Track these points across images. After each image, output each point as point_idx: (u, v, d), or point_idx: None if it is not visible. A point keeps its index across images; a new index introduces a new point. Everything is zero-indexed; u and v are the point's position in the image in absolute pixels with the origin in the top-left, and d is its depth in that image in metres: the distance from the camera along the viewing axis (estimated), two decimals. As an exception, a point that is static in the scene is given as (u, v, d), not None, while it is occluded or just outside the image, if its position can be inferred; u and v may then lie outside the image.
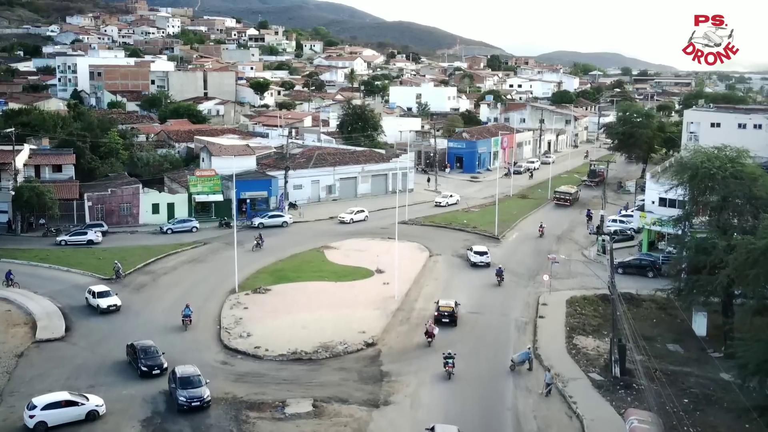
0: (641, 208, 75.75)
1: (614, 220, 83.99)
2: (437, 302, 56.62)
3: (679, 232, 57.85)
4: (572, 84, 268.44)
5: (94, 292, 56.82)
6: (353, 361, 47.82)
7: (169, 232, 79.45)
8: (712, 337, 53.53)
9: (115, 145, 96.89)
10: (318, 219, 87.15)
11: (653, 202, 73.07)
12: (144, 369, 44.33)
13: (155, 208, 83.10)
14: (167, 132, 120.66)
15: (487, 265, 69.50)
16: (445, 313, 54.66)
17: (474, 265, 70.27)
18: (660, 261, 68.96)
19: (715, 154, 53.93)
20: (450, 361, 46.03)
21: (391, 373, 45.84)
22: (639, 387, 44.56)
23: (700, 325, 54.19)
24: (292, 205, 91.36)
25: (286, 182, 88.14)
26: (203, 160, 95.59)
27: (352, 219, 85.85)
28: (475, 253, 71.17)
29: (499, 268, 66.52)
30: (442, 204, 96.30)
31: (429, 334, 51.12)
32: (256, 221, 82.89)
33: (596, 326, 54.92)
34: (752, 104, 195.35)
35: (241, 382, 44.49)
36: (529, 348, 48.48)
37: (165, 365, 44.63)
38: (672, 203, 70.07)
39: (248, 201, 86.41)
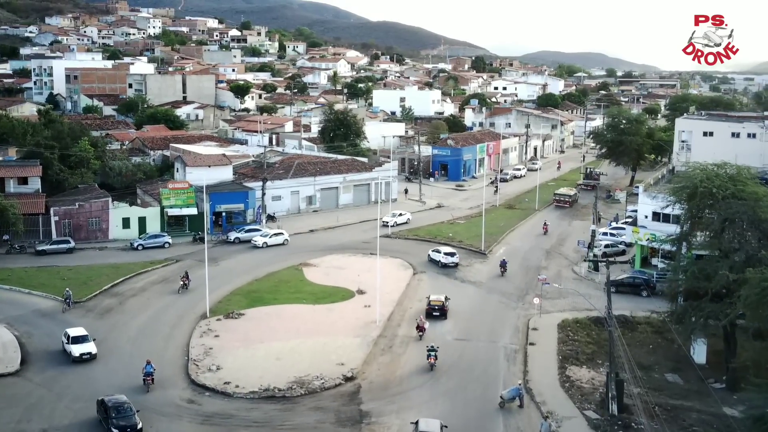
0: (634, 222, 72.60)
1: (605, 234, 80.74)
2: (428, 297, 59.58)
3: (679, 249, 54.80)
4: (557, 86, 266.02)
5: (69, 336, 49.42)
6: (330, 398, 44.19)
7: (140, 248, 75.57)
8: (712, 365, 50.61)
9: (86, 154, 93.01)
10: (297, 232, 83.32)
11: (646, 217, 70.00)
12: (115, 431, 39.07)
13: (126, 223, 79.18)
14: (142, 139, 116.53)
15: (456, 265, 70.53)
16: (436, 307, 57.91)
17: (444, 266, 70.21)
18: (654, 279, 66.01)
19: (715, 172, 50.77)
20: (433, 353, 48.70)
21: (371, 413, 42.29)
22: (638, 427, 41.40)
23: (699, 353, 51.12)
24: (271, 218, 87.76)
25: (263, 194, 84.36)
26: (177, 171, 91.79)
27: (265, 243, 77.29)
28: (445, 254, 71.39)
29: (503, 260, 71.14)
30: (389, 224, 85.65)
31: (420, 328, 53.90)
32: (232, 236, 79.18)
33: (590, 354, 51.70)
34: (739, 107, 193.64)
35: (208, 425, 40.86)
36: (519, 383, 45.07)
37: (139, 425, 39.44)
38: (666, 218, 67.14)
39: (224, 214, 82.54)
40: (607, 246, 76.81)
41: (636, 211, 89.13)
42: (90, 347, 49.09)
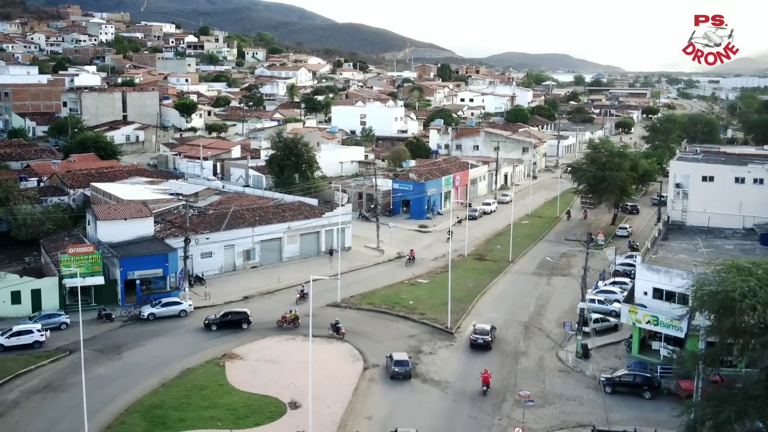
0: (628, 300, 60.10)
1: (591, 300, 67.89)
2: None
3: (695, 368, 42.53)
4: (526, 97, 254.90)
5: None
6: None
7: (29, 332, 61.62)
8: None
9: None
10: (229, 300, 70.01)
11: (645, 293, 57.63)
12: None
13: (16, 297, 65.06)
14: (61, 175, 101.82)
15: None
16: None
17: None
18: (659, 374, 53.74)
19: (756, 278, 38.11)
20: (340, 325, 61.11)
21: None
22: None
23: None
24: (199, 279, 74.24)
25: (185, 257, 70.56)
26: (89, 224, 77.65)
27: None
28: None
29: (568, 210, 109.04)
30: None
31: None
32: (146, 311, 65.31)
33: None
34: (720, 122, 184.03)
35: None
36: None
37: None
38: (670, 296, 55.29)
39: (138, 282, 68.59)
40: (596, 321, 64.24)
41: (627, 264, 77.61)
42: None
